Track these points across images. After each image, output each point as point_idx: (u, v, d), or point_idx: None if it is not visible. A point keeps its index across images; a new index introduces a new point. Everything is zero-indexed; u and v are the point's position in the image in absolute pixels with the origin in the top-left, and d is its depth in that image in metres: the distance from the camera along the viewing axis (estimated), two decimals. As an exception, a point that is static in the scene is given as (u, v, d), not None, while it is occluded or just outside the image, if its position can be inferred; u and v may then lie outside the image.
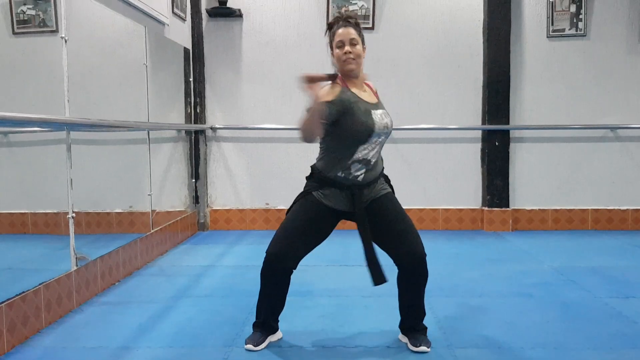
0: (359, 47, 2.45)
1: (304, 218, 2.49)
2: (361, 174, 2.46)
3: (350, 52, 2.42)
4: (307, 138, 2.32)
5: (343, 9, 5.26)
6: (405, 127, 5.36)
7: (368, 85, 2.59)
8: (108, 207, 3.80)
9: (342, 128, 2.40)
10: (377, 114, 2.46)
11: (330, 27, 2.50)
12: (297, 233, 2.48)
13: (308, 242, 2.51)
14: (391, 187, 2.62)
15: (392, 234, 2.48)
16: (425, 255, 2.49)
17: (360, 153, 2.43)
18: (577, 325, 2.85)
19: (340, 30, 2.44)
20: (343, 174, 2.45)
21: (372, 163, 2.47)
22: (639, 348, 2.55)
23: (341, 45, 2.43)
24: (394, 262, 2.51)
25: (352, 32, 2.43)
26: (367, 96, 2.50)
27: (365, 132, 2.40)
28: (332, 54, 2.49)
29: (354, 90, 2.47)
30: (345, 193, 2.47)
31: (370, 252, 2.48)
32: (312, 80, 2.26)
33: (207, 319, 2.97)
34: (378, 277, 2.49)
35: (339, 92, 2.41)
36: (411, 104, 5.46)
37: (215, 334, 2.75)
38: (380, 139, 2.47)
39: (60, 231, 3.13)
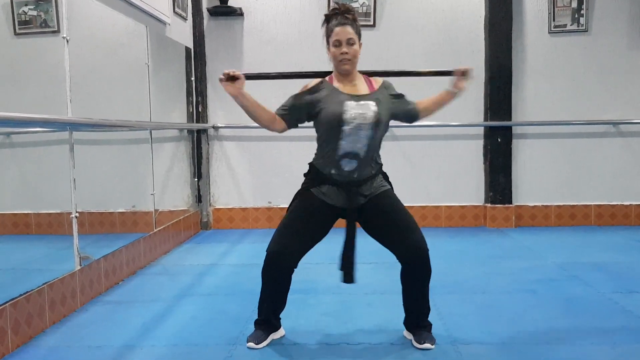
0: (356, 46, 2.44)
1: (303, 215, 2.49)
2: (353, 170, 2.45)
3: (346, 53, 2.42)
4: (264, 127, 2.59)
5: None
6: (406, 124, 5.35)
7: (367, 79, 2.56)
8: (111, 206, 3.80)
9: (318, 120, 2.47)
10: (353, 104, 2.41)
11: (328, 20, 2.48)
12: (297, 231, 2.49)
13: (308, 239, 2.51)
14: (390, 184, 2.60)
15: (394, 229, 2.48)
16: (428, 250, 2.49)
17: (345, 147, 2.42)
18: (581, 320, 2.85)
19: (337, 29, 2.42)
20: (335, 171, 2.46)
21: (362, 157, 2.44)
22: (642, 343, 2.55)
23: (338, 44, 2.43)
24: (397, 258, 2.50)
25: (349, 31, 2.42)
26: (352, 89, 2.48)
27: (334, 121, 2.40)
28: (328, 48, 2.49)
29: (337, 84, 2.48)
30: (341, 190, 2.47)
31: (350, 249, 2.51)
32: (231, 78, 2.40)
33: (210, 318, 2.98)
34: (349, 276, 2.55)
35: (311, 86, 2.49)
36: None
37: (219, 332, 2.76)
38: (362, 131, 2.40)
39: (64, 231, 3.14)
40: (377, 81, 2.59)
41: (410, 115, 2.66)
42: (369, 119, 2.41)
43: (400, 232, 2.47)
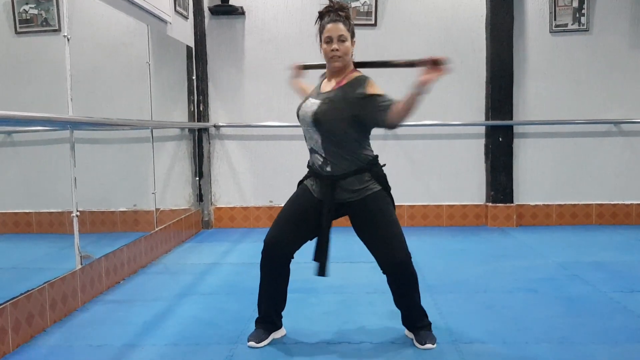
0: (347, 43, 2.42)
1: (295, 205, 2.55)
2: (324, 165, 2.46)
3: (337, 50, 2.41)
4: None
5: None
6: (408, 123, 5.35)
7: (348, 75, 2.46)
8: (112, 205, 3.80)
9: None
10: (310, 102, 2.47)
11: (321, 17, 2.47)
12: (289, 220, 2.53)
13: (301, 229, 2.53)
14: (386, 185, 2.49)
15: (373, 239, 2.47)
16: (408, 258, 2.46)
17: (308, 142, 2.53)
18: (582, 319, 2.85)
19: (329, 25, 2.41)
20: (312, 165, 2.54)
21: (324, 154, 2.44)
22: (644, 342, 2.55)
23: (329, 41, 2.42)
24: (379, 267, 2.52)
25: (341, 28, 2.40)
26: (323, 86, 2.53)
27: (297, 116, 2.54)
28: (320, 45, 2.49)
29: (324, 80, 2.55)
30: (320, 183, 2.49)
31: (322, 242, 2.49)
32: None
33: (212, 317, 2.98)
34: (322, 269, 2.52)
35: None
36: (414, 100, 5.44)
37: (220, 331, 2.76)
38: (310, 129, 2.45)
39: (65, 230, 3.14)
40: (351, 78, 2.44)
41: (375, 122, 2.38)
42: (308, 118, 2.43)
43: (378, 242, 2.45)
